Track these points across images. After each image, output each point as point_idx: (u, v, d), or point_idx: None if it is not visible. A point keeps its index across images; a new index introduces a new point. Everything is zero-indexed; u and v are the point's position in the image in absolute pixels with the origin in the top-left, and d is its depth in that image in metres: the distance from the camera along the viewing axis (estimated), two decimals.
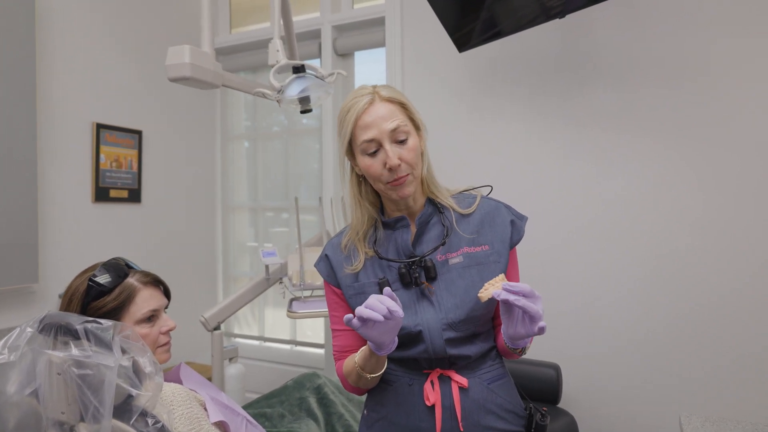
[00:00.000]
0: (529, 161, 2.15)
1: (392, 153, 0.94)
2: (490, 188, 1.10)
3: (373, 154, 0.96)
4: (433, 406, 0.98)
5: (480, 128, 2.23)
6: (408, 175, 0.97)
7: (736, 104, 1.82)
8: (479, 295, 0.88)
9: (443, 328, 0.97)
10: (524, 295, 0.82)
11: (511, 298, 0.82)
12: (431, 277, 1.00)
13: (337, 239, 1.10)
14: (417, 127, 1.00)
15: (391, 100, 0.97)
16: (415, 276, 0.99)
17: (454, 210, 1.04)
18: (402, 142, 0.96)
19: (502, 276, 0.90)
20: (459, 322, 0.97)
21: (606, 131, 2.01)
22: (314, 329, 2.88)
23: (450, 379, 0.99)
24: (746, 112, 1.81)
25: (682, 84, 1.89)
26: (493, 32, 1.91)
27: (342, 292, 1.06)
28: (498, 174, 2.19)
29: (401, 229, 1.03)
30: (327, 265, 1.08)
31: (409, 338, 0.99)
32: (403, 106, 0.99)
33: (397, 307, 0.83)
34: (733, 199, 1.83)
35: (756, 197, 1.80)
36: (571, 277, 2.07)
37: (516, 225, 1.04)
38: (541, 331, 0.83)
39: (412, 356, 1.00)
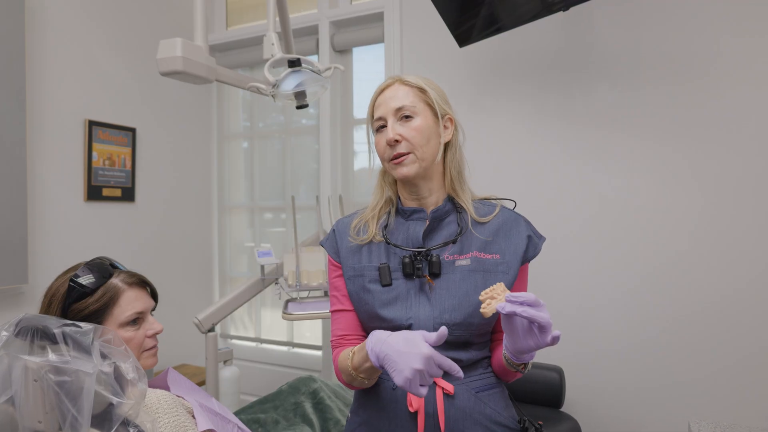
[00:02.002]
0: (529, 160, 2.10)
1: (392, 128, 0.96)
2: (514, 203, 1.07)
3: (381, 131, 0.99)
4: (416, 413, 0.93)
5: (480, 126, 2.18)
6: (409, 154, 0.96)
7: (742, 104, 1.78)
8: (482, 311, 0.82)
9: (435, 327, 0.93)
10: (529, 305, 0.77)
11: (518, 309, 0.76)
12: (434, 274, 0.96)
13: (349, 219, 1.09)
14: (435, 114, 0.99)
15: (409, 84, 0.99)
16: (418, 267, 0.95)
17: (470, 215, 1.00)
18: (407, 119, 0.96)
19: (502, 287, 0.84)
20: (453, 324, 0.93)
21: (608, 130, 1.97)
22: (312, 330, 2.83)
23: (435, 384, 0.94)
24: (752, 113, 1.77)
25: (686, 82, 1.85)
26: (494, 27, 1.87)
27: (342, 270, 1.04)
28: (497, 172, 2.15)
29: (416, 221, 1.01)
30: (333, 240, 1.07)
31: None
32: (422, 91, 0.98)
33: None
34: (740, 198, 1.79)
35: (763, 196, 1.76)
36: (574, 277, 2.02)
37: (533, 241, 1.00)
38: (555, 340, 0.78)
39: None
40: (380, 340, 0.83)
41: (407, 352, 0.78)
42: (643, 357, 1.92)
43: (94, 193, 2.28)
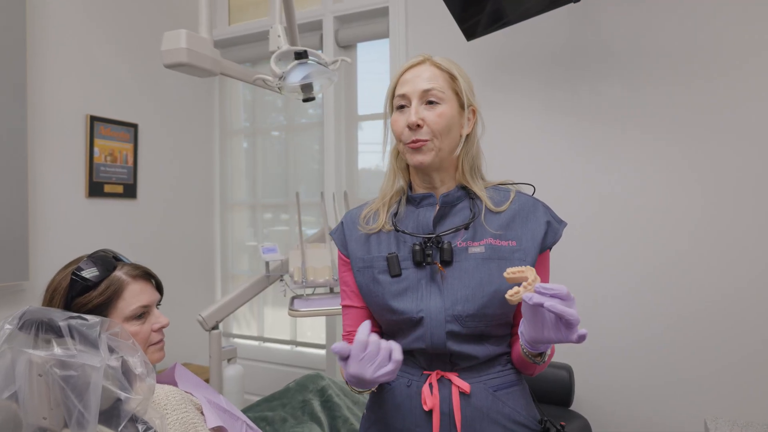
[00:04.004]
0: (536, 156, 2.07)
1: (415, 111, 0.91)
2: (532, 188, 1.02)
3: (401, 110, 0.94)
4: (431, 412, 0.90)
5: (486, 122, 2.11)
6: (428, 140, 0.91)
7: (745, 105, 1.75)
8: (508, 297, 0.77)
9: (447, 319, 0.89)
10: (560, 298, 0.72)
11: (547, 302, 0.71)
12: (445, 261, 0.91)
13: (358, 210, 1.05)
14: (461, 104, 0.94)
15: (439, 67, 0.94)
16: (428, 254, 0.91)
17: (485, 203, 0.96)
18: (432, 105, 0.92)
19: (533, 272, 0.77)
20: (467, 316, 0.89)
21: (612, 128, 1.95)
22: (314, 329, 2.80)
23: (451, 382, 0.91)
24: (754, 114, 1.74)
25: (689, 82, 1.82)
26: (502, 22, 1.84)
27: (351, 264, 1.01)
28: (503, 169, 2.10)
29: (426, 207, 0.97)
30: (341, 232, 1.04)
31: (409, 324, 0.92)
32: (452, 77, 0.94)
33: (371, 345, 0.77)
34: (741, 197, 1.77)
35: (763, 196, 1.74)
36: (578, 274, 2.00)
37: (552, 226, 0.95)
38: (581, 339, 0.73)
39: (410, 347, 0.93)
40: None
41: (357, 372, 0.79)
42: (647, 354, 1.90)
43: (95, 189, 2.25)
